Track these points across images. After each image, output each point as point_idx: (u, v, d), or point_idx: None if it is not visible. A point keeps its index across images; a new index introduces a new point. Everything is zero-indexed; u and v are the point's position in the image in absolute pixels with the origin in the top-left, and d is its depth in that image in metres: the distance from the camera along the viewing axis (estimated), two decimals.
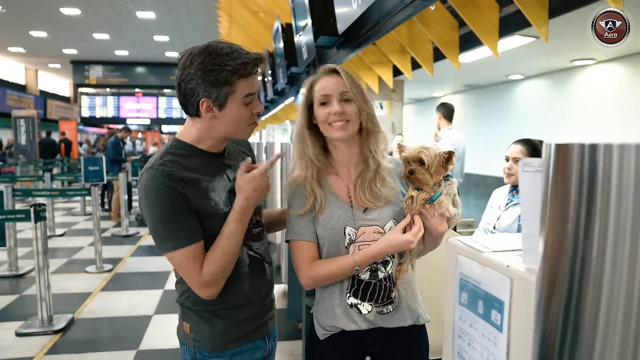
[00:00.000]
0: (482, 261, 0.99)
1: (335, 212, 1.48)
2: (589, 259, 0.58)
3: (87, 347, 3.71)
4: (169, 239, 1.35)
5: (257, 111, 1.45)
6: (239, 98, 1.39)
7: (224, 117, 1.40)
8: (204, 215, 1.40)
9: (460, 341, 1.08)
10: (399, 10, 3.01)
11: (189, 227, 1.36)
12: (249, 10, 9.45)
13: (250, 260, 1.51)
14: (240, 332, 1.50)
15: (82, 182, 6.55)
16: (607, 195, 0.56)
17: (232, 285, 1.46)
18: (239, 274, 1.48)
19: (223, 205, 1.44)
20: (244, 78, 1.38)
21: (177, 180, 1.35)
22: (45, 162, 13.35)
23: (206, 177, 1.43)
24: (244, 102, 1.41)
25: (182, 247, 1.35)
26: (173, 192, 1.34)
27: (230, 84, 1.36)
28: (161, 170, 1.36)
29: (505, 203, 2.66)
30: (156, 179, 1.35)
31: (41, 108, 22.27)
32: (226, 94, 1.37)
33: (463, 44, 3.97)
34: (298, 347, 3.62)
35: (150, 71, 22.87)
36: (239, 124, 1.43)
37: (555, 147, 0.62)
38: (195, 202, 1.38)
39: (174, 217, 1.35)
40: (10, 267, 5.59)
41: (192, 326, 1.50)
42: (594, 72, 7.87)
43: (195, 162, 1.43)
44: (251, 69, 1.39)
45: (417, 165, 1.42)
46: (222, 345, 1.48)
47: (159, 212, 1.35)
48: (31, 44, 17.94)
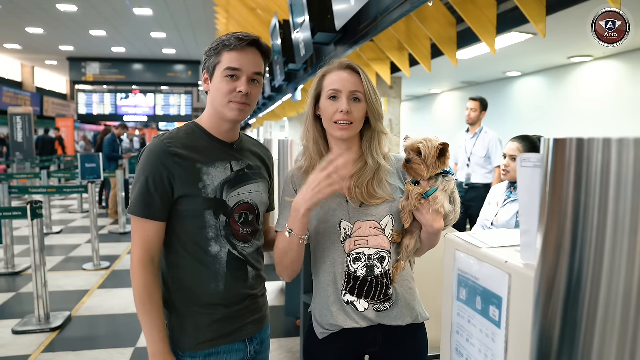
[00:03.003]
0: (480, 257, 0.99)
1: (331, 207, 1.47)
2: (588, 255, 0.58)
3: (84, 344, 3.70)
4: (134, 203, 1.42)
5: (239, 89, 1.43)
6: (222, 69, 1.43)
7: (212, 89, 1.47)
8: (187, 196, 1.42)
9: (458, 337, 1.08)
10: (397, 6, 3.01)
11: (155, 204, 1.41)
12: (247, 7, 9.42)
13: (229, 259, 1.48)
14: (215, 333, 1.47)
15: (79, 179, 6.53)
16: (606, 190, 0.56)
17: (206, 283, 1.45)
18: (214, 272, 1.46)
19: (211, 192, 1.44)
20: (228, 50, 1.43)
21: (172, 154, 1.41)
22: (42, 160, 13.31)
23: (204, 160, 1.45)
24: (226, 75, 1.43)
25: (138, 216, 1.41)
26: (161, 167, 1.40)
27: (217, 54, 1.44)
28: (162, 142, 1.43)
29: (503, 200, 2.66)
30: (154, 148, 1.42)
31: (38, 105, 22.23)
32: (214, 64, 1.45)
33: (461, 40, 3.96)
34: (296, 344, 3.62)
35: (147, 68, 22.80)
36: (220, 97, 1.44)
37: (554, 142, 0.62)
38: (183, 180, 1.41)
39: (149, 188, 1.40)
40: (7, 265, 5.57)
41: (168, 324, 1.49)
42: (591, 69, 7.88)
43: (199, 144, 1.47)
44: (235, 42, 1.42)
45: (415, 155, 1.41)
46: (195, 344, 1.46)
47: (140, 177, 1.43)
48: (27, 40, 17.87)
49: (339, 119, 1.43)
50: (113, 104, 24.19)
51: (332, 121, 1.45)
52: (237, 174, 1.50)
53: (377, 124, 1.50)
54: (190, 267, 1.46)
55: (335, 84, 1.45)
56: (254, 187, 1.54)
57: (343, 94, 1.44)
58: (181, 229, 1.45)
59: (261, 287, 1.61)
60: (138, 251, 1.42)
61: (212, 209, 1.44)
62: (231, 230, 1.48)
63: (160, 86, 24.31)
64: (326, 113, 1.46)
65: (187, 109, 24.39)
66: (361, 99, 1.46)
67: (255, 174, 1.56)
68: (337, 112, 1.43)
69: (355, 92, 1.45)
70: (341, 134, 1.45)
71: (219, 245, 1.46)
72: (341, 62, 1.50)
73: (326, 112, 1.46)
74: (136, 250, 1.42)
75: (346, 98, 1.44)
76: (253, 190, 1.53)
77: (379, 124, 1.50)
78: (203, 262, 1.46)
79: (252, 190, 1.53)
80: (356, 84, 1.45)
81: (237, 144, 1.56)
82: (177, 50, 19.73)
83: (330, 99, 1.46)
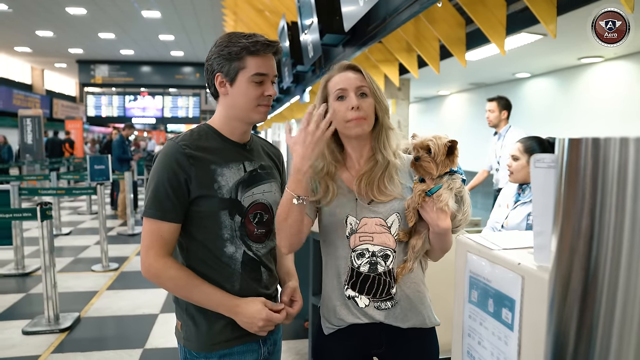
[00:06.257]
0: (493, 259, 0.98)
1: (340, 202, 1.47)
2: (605, 256, 0.56)
3: (93, 345, 3.71)
4: (149, 206, 1.41)
5: (268, 93, 1.45)
6: (249, 75, 1.43)
7: (234, 93, 1.45)
8: (203, 196, 1.43)
9: (470, 340, 1.07)
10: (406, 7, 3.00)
11: (171, 205, 1.40)
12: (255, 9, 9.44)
13: (245, 260, 1.49)
14: (230, 334, 1.47)
15: (88, 180, 6.57)
16: (623, 191, 0.55)
17: (222, 284, 1.45)
18: (230, 272, 1.47)
19: (226, 192, 1.44)
20: (254, 55, 1.42)
21: (188, 156, 1.41)
22: (52, 161, 13.41)
23: (218, 161, 1.45)
24: (254, 81, 1.43)
25: (153, 218, 1.40)
26: (177, 169, 1.40)
27: (240, 59, 1.42)
28: (177, 144, 1.43)
29: (514, 202, 2.64)
30: (170, 151, 1.42)
31: (47, 107, 22.38)
32: (236, 69, 1.43)
33: (470, 41, 3.94)
34: (304, 346, 3.62)
35: (155, 70, 22.90)
36: (247, 102, 1.45)
37: (569, 142, 0.61)
38: (199, 181, 1.41)
39: (164, 190, 1.40)
40: (17, 266, 5.61)
41: (182, 324, 1.50)
42: (601, 70, 7.81)
43: (213, 145, 1.48)
44: (261, 47, 1.42)
45: (424, 153, 1.40)
46: (209, 345, 1.46)
47: (156, 180, 1.42)
48: (37, 43, 18.02)
49: (352, 117, 1.43)
50: (121, 106, 24.31)
51: (345, 121, 1.44)
52: (251, 174, 1.51)
53: (384, 118, 1.49)
54: (205, 267, 1.46)
55: (340, 84, 1.46)
56: (267, 187, 1.55)
57: (350, 91, 1.45)
58: (196, 230, 1.46)
59: (274, 287, 1.62)
60: (154, 249, 1.41)
61: (227, 209, 1.45)
62: (246, 230, 1.48)
63: (168, 88, 24.40)
64: (337, 115, 1.45)
65: (195, 110, 24.47)
66: (368, 93, 1.46)
67: (268, 173, 1.57)
68: (347, 110, 1.43)
69: (361, 87, 1.45)
70: (357, 130, 1.44)
71: (234, 246, 1.47)
72: (341, 65, 1.51)
73: (337, 114, 1.45)
74: (151, 250, 1.41)
75: (354, 94, 1.44)
76: (266, 190, 1.54)
77: (386, 119, 1.50)
78: (218, 263, 1.46)
79: (265, 190, 1.54)
80: (360, 80, 1.46)
81: (249, 144, 1.57)
82: (185, 53, 19.80)
83: (339, 99, 1.46)
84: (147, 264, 1.41)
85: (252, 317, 1.42)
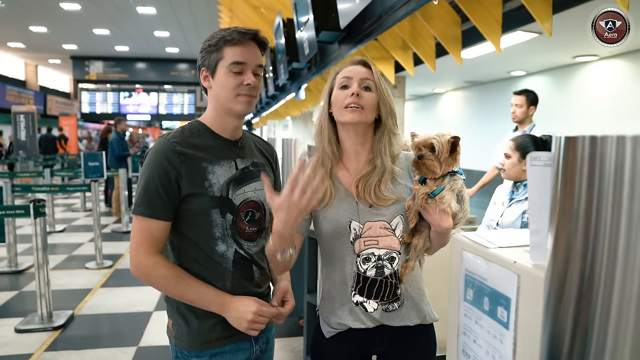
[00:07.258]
0: (488, 257, 0.97)
1: (341, 206, 1.45)
2: (601, 255, 0.56)
3: (87, 343, 3.70)
4: (139, 203, 1.41)
5: (247, 82, 1.43)
6: (226, 64, 1.42)
7: (215, 85, 1.46)
8: (194, 194, 1.42)
9: (465, 338, 1.06)
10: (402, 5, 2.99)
11: (161, 203, 1.39)
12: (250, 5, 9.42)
13: (236, 259, 1.47)
14: (221, 332, 1.46)
15: (82, 177, 6.54)
16: (620, 189, 0.54)
17: (213, 282, 1.44)
18: (221, 271, 1.45)
19: (217, 190, 1.43)
20: (231, 45, 1.42)
21: (178, 153, 1.40)
22: (45, 158, 13.33)
23: (209, 158, 1.44)
24: (232, 70, 1.42)
25: (143, 216, 1.39)
26: (168, 166, 1.39)
27: (218, 50, 1.43)
28: (168, 140, 1.42)
29: (509, 200, 2.64)
30: (160, 148, 1.42)
31: (41, 104, 22.25)
32: (215, 60, 1.44)
33: (466, 39, 3.94)
34: (299, 344, 3.61)
35: (150, 67, 22.84)
36: (227, 92, 1.44)
37: (566, 140, 0.61)
38: (189, 179, 1.40)
39: (154, 187, 1.39)
40: (10, 263, 5.58)
41: (173, 323, 1.49)
42: (596, 68, 7.84)
43: (204, 142, 1.47)
44: (237, 36, 1.42)
45: (428, 151, 1.39)
46: (201, 344, 1.45)
47: (146, 177, 1.41)
48: (31, 39, 17.91)
49: (348, 102, 1.43)
50: (116, 103, 24.25)
51: (342, 107, 1.44)
52: (242, 172, 1.49)
53: (388, 118, 1.48)
54: (197, 266, 1.45)
55: (347, 73, 1.47)
56: (259, 184, 1.52)
57: (354, 81, 1.45)
58: (187, 228, 1.45)
59: (266, 285, 1.60)
60: (143, 247, 1.39)
61: (218, 207, 1.43)
62: (237, 229, 1.47)
63: (164, 85, 24.35)
64: (337, 102, 1.45)
65: (190, 107, 24.43)
66: (372, 88, 1.46)
67: (260, 171, 1.55)
68: (347, 97, 1.43)
69: (366, 79, 1.45)
70: (351, 116, 1.43)
71: (225, 245, 1.46)
72: (353, 59, 1.52)
73: (337, 101, 1.45)
74: (140, 248, 1.40)
75: (357, 84, 1.44)
76: (258, 188, 1.52)
77: (390, 121, 1.48)
78: (210, 262, 1.45)
79: (257, 188, 1.52)
80: (367, 74, 1.46)
81: (241, 141, 1.55)
82: (180, 49, 19.74)
83: (342, 88, 1.46)
84: (137, 262, 1.40)
85: (242, 313, 1.41)
